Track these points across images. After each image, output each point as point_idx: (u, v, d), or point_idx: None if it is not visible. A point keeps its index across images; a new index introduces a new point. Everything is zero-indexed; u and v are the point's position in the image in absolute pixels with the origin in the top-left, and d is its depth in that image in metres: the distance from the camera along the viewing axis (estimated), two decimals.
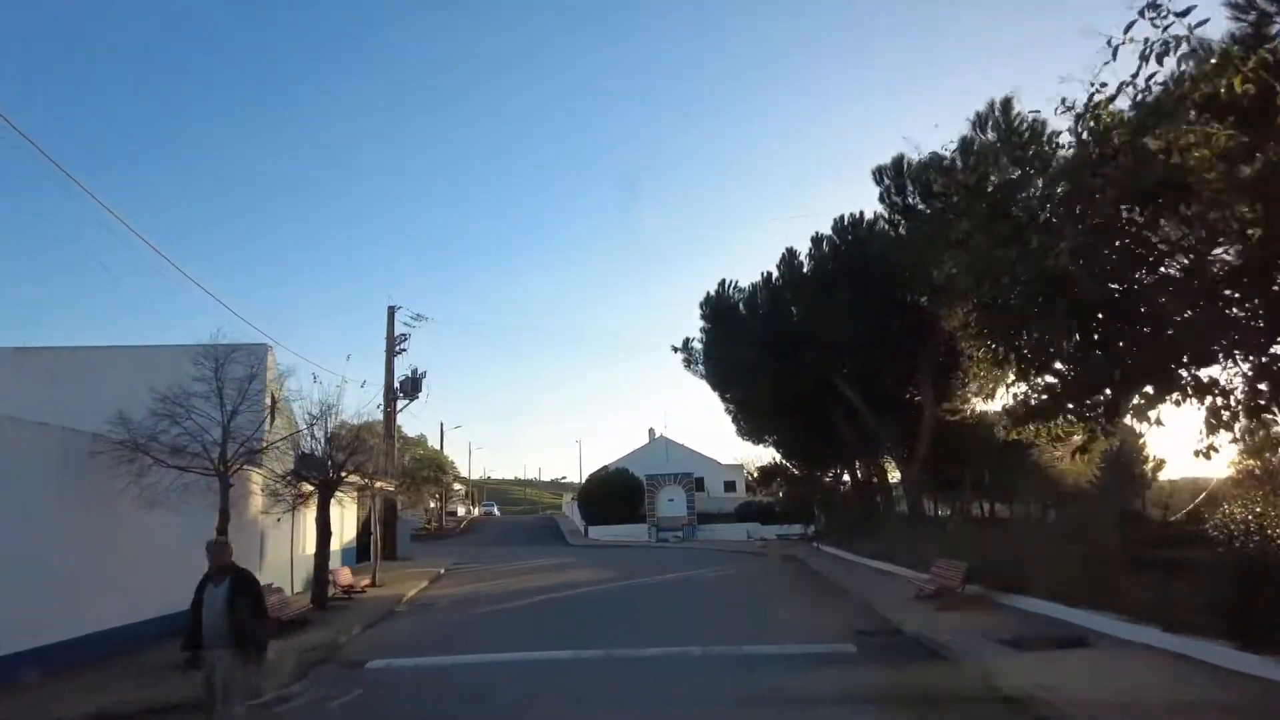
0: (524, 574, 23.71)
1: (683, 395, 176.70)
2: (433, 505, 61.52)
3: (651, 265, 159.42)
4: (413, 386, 33.46)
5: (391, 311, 33.72)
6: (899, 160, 17.97)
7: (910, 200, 17.64)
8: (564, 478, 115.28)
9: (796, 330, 20.69)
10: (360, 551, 27.51)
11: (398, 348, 33.47)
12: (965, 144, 13.86)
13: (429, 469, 45.61)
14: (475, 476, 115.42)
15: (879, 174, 17.88)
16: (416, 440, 46.47)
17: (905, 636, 10.41)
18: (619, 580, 19.95)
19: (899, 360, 20.96)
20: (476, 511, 78.43)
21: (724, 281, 23.41)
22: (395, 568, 26.42)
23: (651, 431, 55.19)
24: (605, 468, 50.16)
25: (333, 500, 20.22)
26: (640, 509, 44.76)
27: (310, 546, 20.96)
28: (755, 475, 52.49)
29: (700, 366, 24.32)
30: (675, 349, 24.26)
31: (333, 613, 14.75)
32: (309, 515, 19.37)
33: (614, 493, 45.36)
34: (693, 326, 28.66)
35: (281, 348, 18.10)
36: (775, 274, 21.48)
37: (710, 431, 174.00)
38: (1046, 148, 10.19)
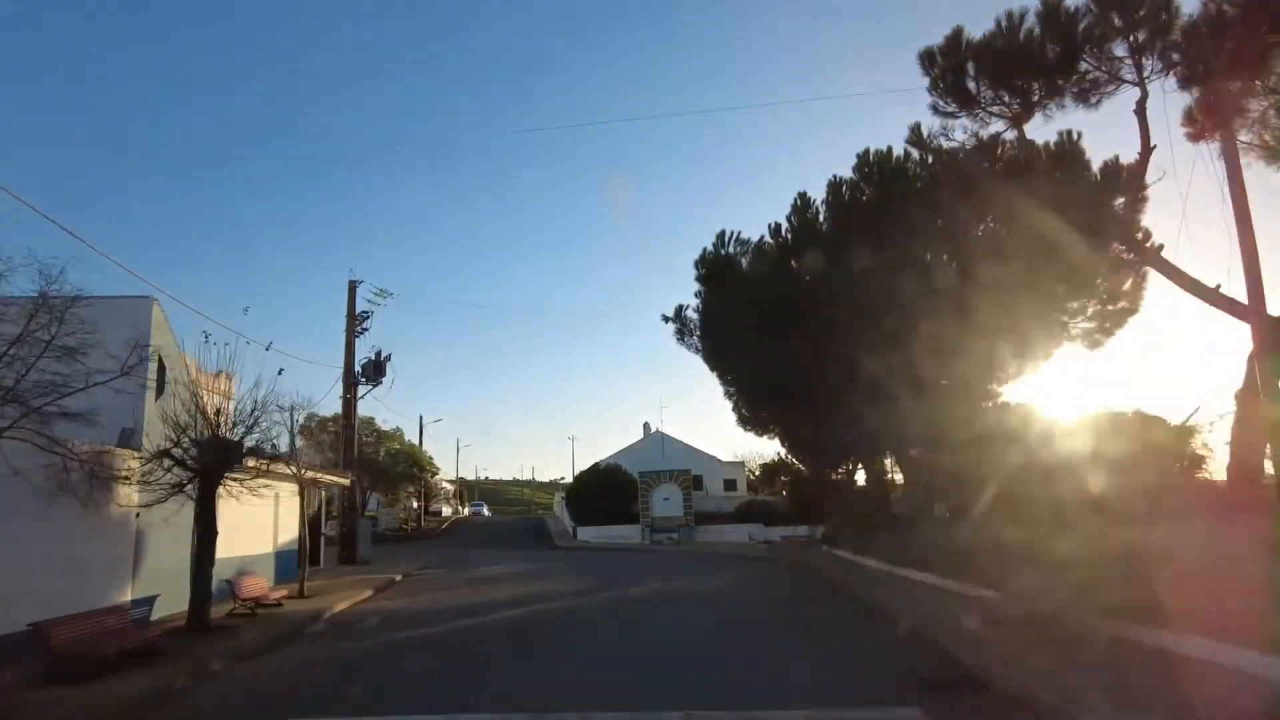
0: (490, 583, 20.27)
1: (681, 386, 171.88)
2: (415, 504, 58.25)
3: (648, 243, 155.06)
4: (375, 370, 30.11)
5: (353, 286, 30.32)
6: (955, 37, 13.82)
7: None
8: (563, 479, 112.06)
9: (810, 293, 17.23)
10: (311, 554, 24.07)
11: (359, 326, 30.11)
12: None
13: (404, 464, 42.18)
14: (472, 477, 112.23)
15: (927, 61, 13.64)
16: (391, 434, 43.05)
17: (995, 692, 6.94)
18: (597, 593, 16.52)
19: (934, 330, 17.50)
20: (465, 511, 75.06)
21: (723, 234, 19.85)
22: (347, 573, 23.00)
23: (647, 426, 51.77)
24: (597, 465, 46.70)
25: (271, 493, 16.82)
26: (633, 509, 41.34)
27: (236, 547, 17.62)
28: (758, 473, 49.02)
29: (695, 339, 20.75)
30: (666, 319, 20.73)
31: (214, 636, 11.29)
32: (235, 508, 16.00)
33: (604, 491, 41.91)
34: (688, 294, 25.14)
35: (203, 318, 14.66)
36: (784, 226, 18.02)
37: (710, 427, 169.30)
38: None
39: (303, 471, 17.01)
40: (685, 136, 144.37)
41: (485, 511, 77.86)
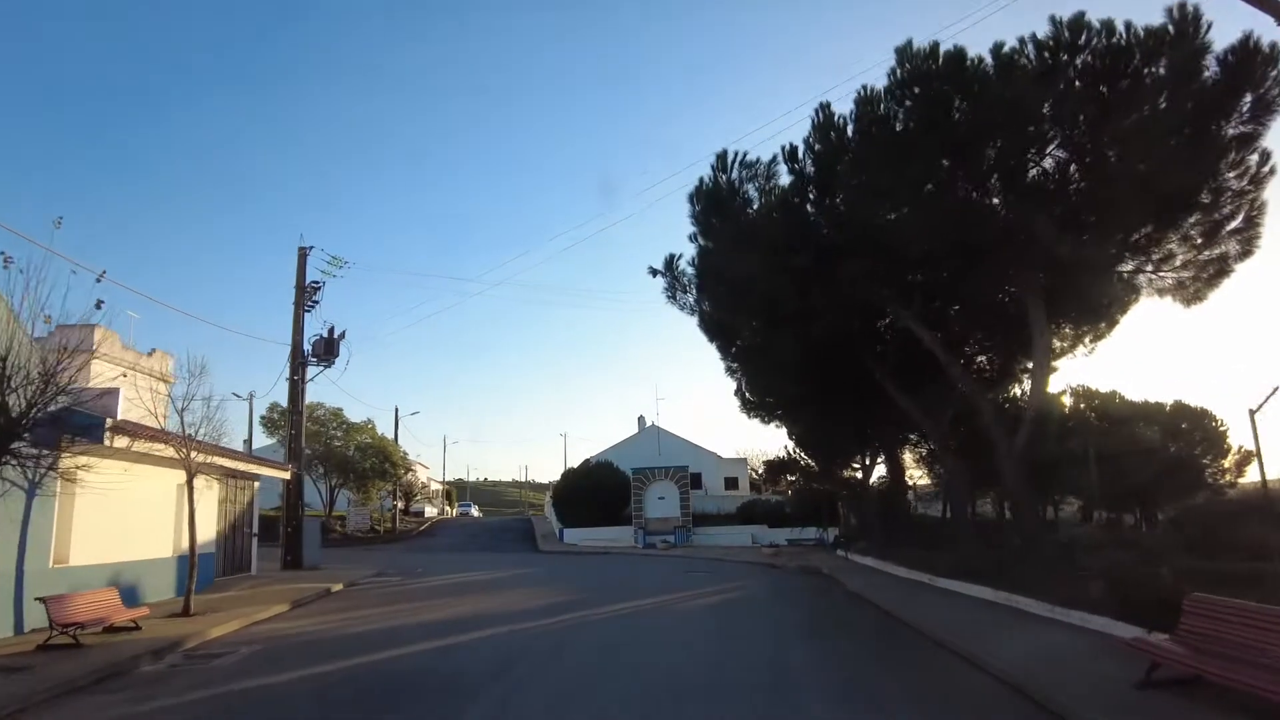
0: (441, 596, 16.69)
1: (678, 378, 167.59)
2: (394, 504, 54.60)
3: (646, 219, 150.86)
4: (326, 349, 26.44)
5: (303, 254, 26.62)
6: None
7: None
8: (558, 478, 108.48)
9: (834, 232, 13.56)
10: (238, 558, 20.44)
11: (310, 299, 26.47)
12: None
13: (374, 459, 38.51)
14: (467, 478, 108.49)
15: None
16: (361, 425, 39.39)
17: None
18: (569, 611, 12.94)
19: (994, 282, 13.96)
20: (453, 512, 71.45)
21: (725, 157, 15.37)
22: (283, 581, 19.37)
23: (641, 420, 48.02)
24: (587, 461, 43.05)
25: (169, 483, 13.26)
26: (625, 509, 37.69)
27: (113, 552, 14.04)
28: (762, 471, 45.30)
29: (690, 297, 16.87)
30: (654, 271, 16.66)
31: None
32: (109, 501, 12.47)
33: (595, 490, 38.24)
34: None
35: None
36: (802, 148, 14.28)
37: (710, 422, 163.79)
38: None
39: (190, 455, 13.33)
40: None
41: (474, 512, 74.26)
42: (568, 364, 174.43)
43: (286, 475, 23.43)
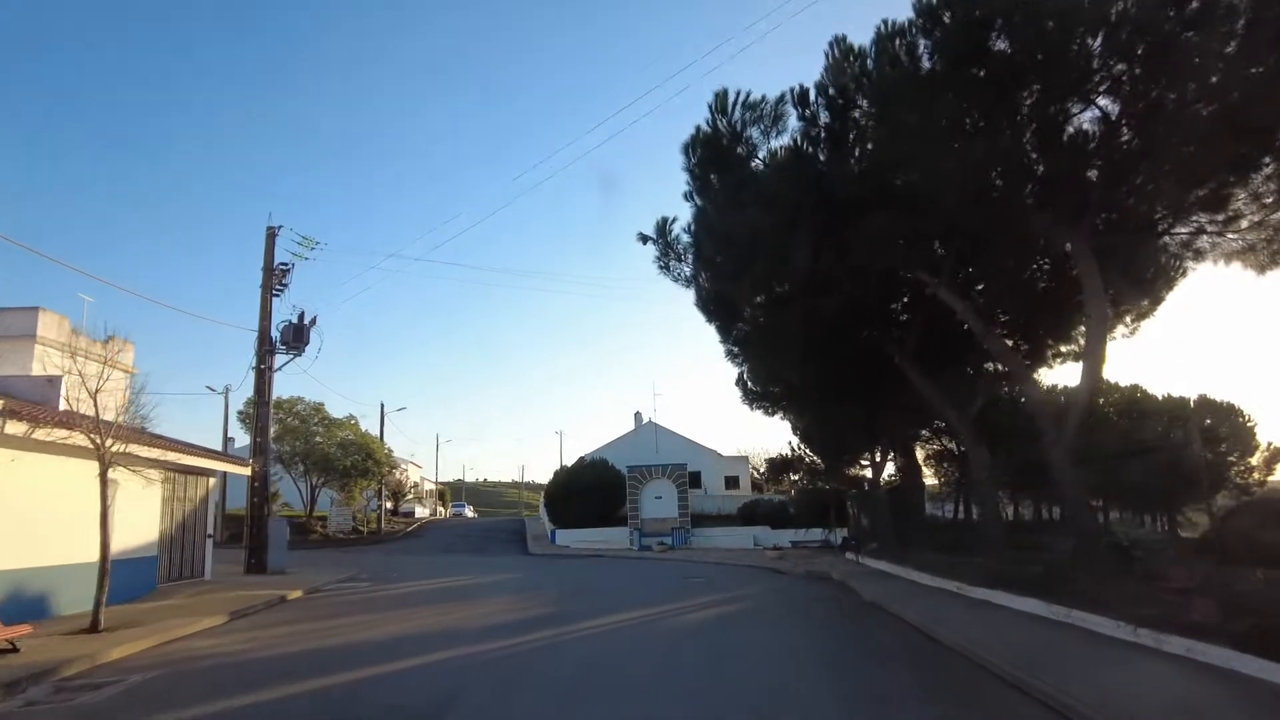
0: (412, 605, 14.87)
1: (677, 370, 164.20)
2: (378, 504, 52.71)
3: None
4: (295, 335, 24.52)
5: (271, 234, 24.70)
6: None
7: None
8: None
9: (852, 186, 11.64)
10: (189, 562, 18.54)
11: (278, 283, 24.58)
12: None
13: (356, 456, 36.58)
14: (464, 479, 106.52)
15: None
16: (342, 421, 37.47)
17: None
18: (540, 629, 11.07)
19: (1029, 248, 12.07)
20: (446, 513, 69.61)
21: (725, 98, 12.82)
22: (241, 586, 17.52)
23: (638, 416, 46.09)
24: (582, 459, 41.13)
25: (83, 474, 11.42)
26: (621, 509, 35.82)
27: (10, 556, 12.19)
28: (764, 470, 43.42)
29: (686, 265, 14.78)
30: (645, 238, 14.54)
31: None
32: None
33: (588, 489, 36.33)
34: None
35: None
36: (813, 91, 12.26)
37: (710, 419, 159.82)
38: None
39: (104, 443, 11.42)
40: None
41: (468, 513, 72.40)
42: (565, 361, 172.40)
43: (247, 471, 21.53)
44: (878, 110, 10.98)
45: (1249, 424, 34.99)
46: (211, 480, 19.57)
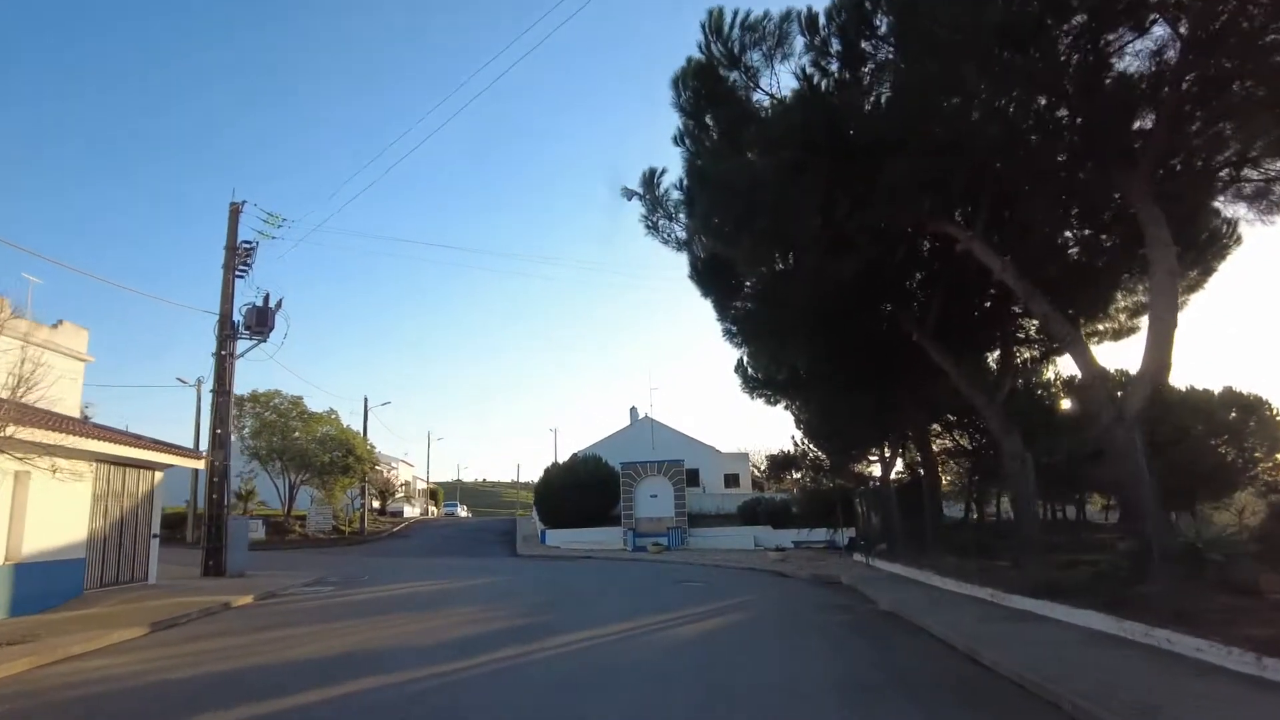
0: (368, 615, 13.13)
1: (674, 364, 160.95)
2: (363, 503, 50.95)
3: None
4: (259, 318, 22.74)
5: (234, 210, 22.92)
6: None
7: None
8: None
9: (871, 125, 9.83)
10: (132, 564, 16.76)
11: (241, 262, 22.81)
12: None
13: (334, 452, 34.79)
14: (458, 479, 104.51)
15: None
16: (321, 415, 35.65)
17: None
18: (505, 645, 9.36)
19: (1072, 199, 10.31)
20: (438, 512, 67.85)
21: (719, 17, 10.78)
22: (186, 592, 15.76)
23: (634, 412, 44.26)
24: (575, 456, 39.34)
25: None
26: (615, 508, 34.03)
27: None
28: (765, 467, 41.62)
29: (676, 224, 12.80)
30: (630, 194, 12.59)
31: None
32: None
33: (579, 487, 34.54)
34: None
35: None
36: (823, 18, 10.39)
37: (708, 415, 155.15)
38: None
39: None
40: None
41: (460, 513, 70.64)
42: (560, 357, 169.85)
43: (199, 464, 19.76)
44: (901, 25, 9.19)
45: (1278, 417, 33.12)
46: (158, 475, 17.77)
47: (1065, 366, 21.81)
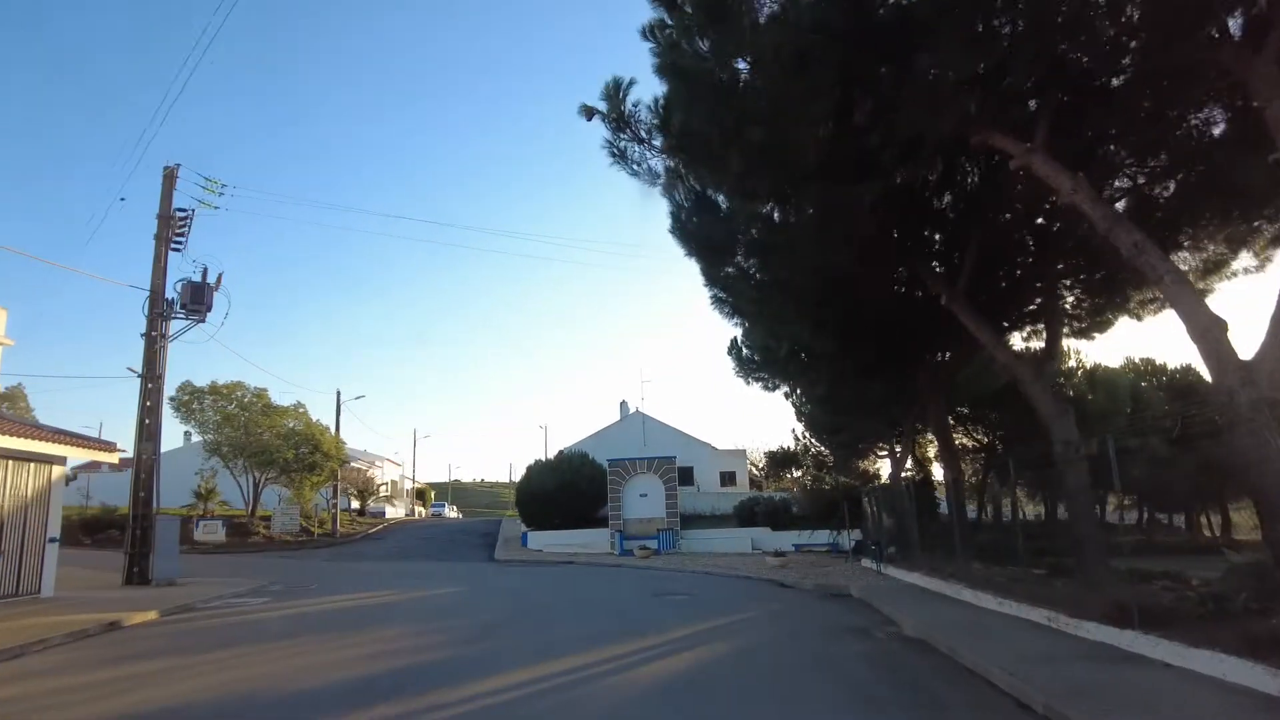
0: (275, 640, 10.78)
1: (667, 357, 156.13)
2: (354, 504, 48.54)
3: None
4: (195, 295, 20.32)
5: (169, 175, 20.43)
6: None
7: None
8: None
9: (901, 30, 7.32)
10: (20, 572, 14.32)
11: (175, 232, 20.38)
12: None
13: (303, 448, 32.35)
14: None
15: None
16: (285, 409, 33.19)
17: None
18: (403, 693, 6.90)
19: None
20: (425, 513, 65.41)
21: None
22: (76, 607, 13.27)
23: (624, 406, 41.76)
24: (561, 453, 36.92)
25: None
26: (602, 508, 31.60)
27: None
28: (763, 465, 39.22)
29: (649, 148, 9.70)
30: (590, 113, 9.74)
31: None
32: None
33: (564, 486, 32.07)
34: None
35: None
36: None
37: (704, 410, 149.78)
38: None
39: None
40: None
41: (449, 513, 68.18)
42: (551, 352, 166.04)
43: (109, 458, 17.33)
44: None
45: None
46: (57, 469, 15.33)
47: (1095, 349, 19.10)
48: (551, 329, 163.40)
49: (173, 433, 69.48)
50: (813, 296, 11.36)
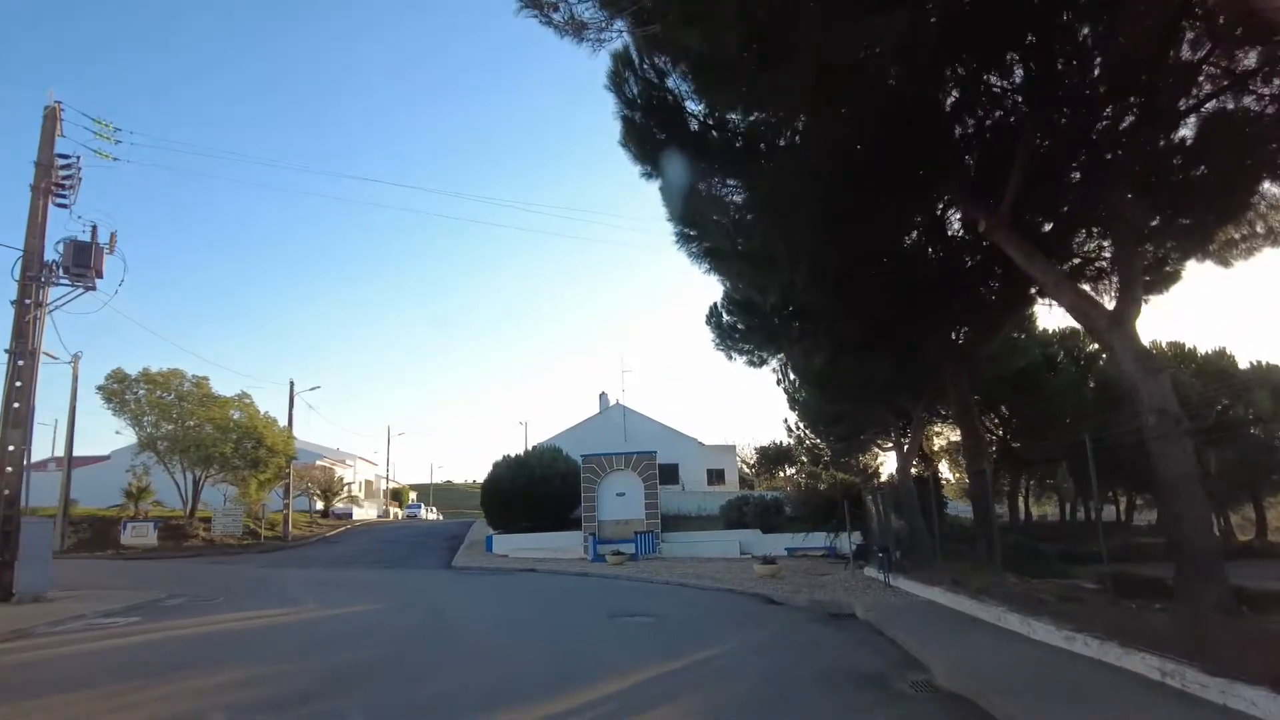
0: (45, 693, 7.61)
1: (650, 346, 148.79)
2: (320, 504, 45.46)
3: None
4: (78, 258, 17.27)
5: (52, 115, 17.41)
6: None
7: None
8: None
9: None
10: None
11: (57, 181, 17.32)
12: None
13: (247, 442, 29.25)
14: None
15: None
16: (225, 399, 30.04)
17: None
18: None
19: None
20: (399, 514, 62.33)
21: None
22: None
23: (604, 398, 38.73)
24: (535, 449, 33.91)
25: None
26: (576, 509, 28.62)
27: None
28: (755, 462, 36.28)
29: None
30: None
31: None
32: None
33: (533, 484, 29.10)
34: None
35: None
36: None
37: (691, 405, 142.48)
38: None
39: None
40: None
41: (427, 514, 65.15)
42: (532, 342, 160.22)
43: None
44: None
45: None
46: None
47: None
48: (533, 319, 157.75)
49: (103, 427, 65.44)
50: (809, 225, 8.42)
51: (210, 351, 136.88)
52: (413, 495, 75.48)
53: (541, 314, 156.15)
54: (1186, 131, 9.12)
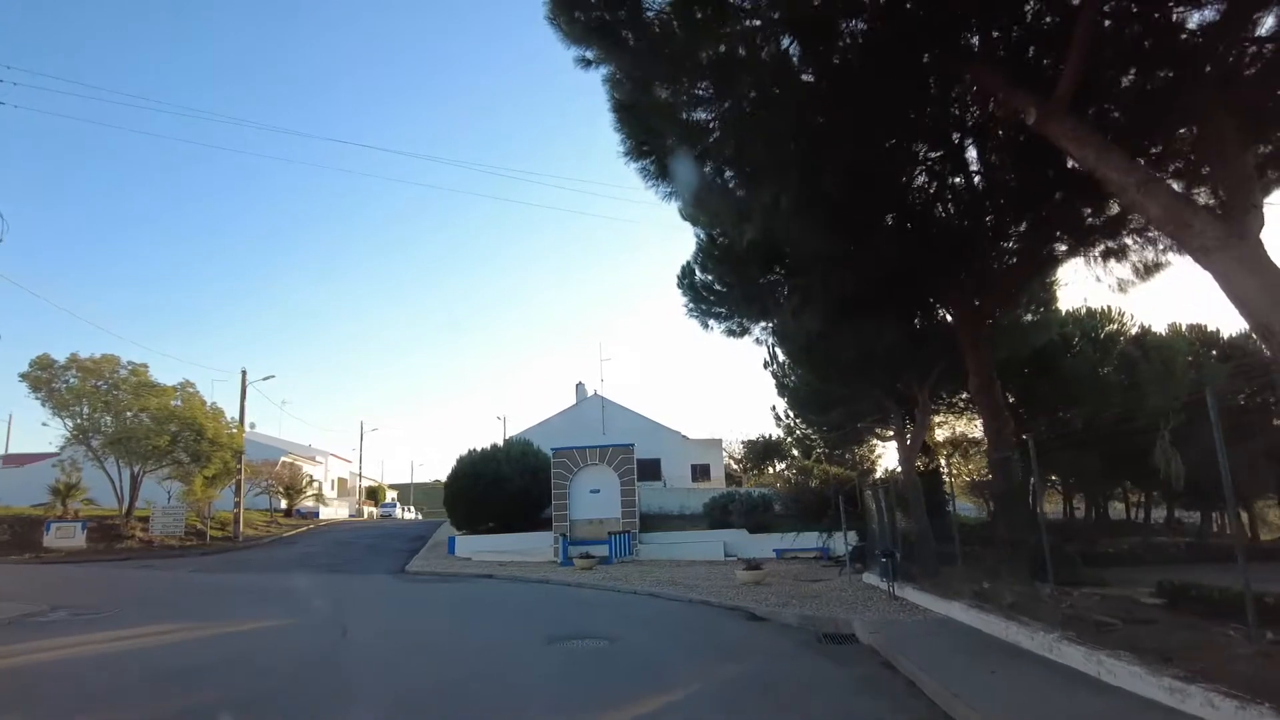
0: None
1: (631, 333, 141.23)
2: (284, 502, 42.87)
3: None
4: None
5: None
6: None
7: None
8: None
9: None
10: None
11: None
12: None
13: (186, 435, 26.68)
14: (411, 479, 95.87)
15: None
16: (163, 388, 27.44)
17: None
18: None
19: None
20: (374, 513, 59.68)
21: None
22: None
23: (581, 389, 36.25)
24: (507, 441, 31.45)
25: None
26: (549, 508, 26.23)
27: None
28: (742, 456, 33.93)
29: None
30: None
31: None
32: None
33: (499, 481, 26.68)
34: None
35: None
36: None
37: (675, 397, 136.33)
38: None
39: None
40: None
41: (403, 514, 62.56)
42: (511, 337, 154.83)
43: None
44: None
45: None
46: None
47: None
48: (516, 314, 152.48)
49: (32, 418, 60.53)
50: (794, 126, 6.02)
51: (177, 348, 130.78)
52: (392, 494, 72.80)
53: (524, 309, 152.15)
54: None
